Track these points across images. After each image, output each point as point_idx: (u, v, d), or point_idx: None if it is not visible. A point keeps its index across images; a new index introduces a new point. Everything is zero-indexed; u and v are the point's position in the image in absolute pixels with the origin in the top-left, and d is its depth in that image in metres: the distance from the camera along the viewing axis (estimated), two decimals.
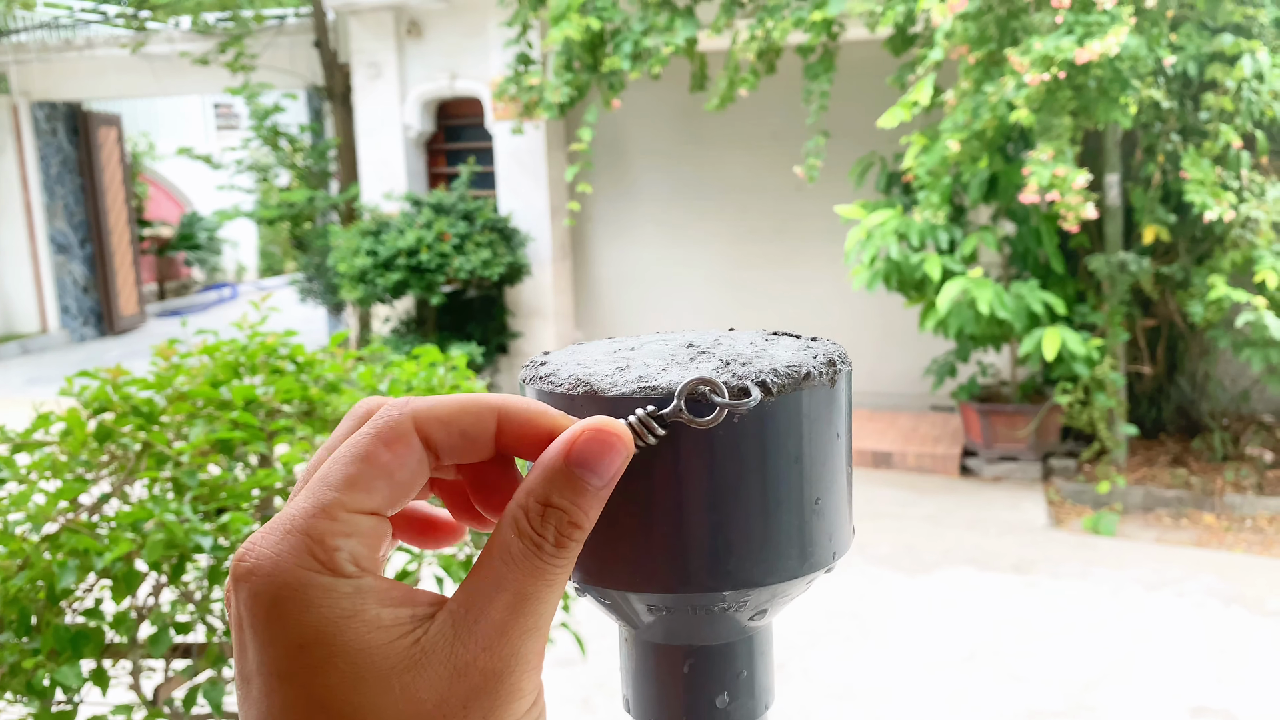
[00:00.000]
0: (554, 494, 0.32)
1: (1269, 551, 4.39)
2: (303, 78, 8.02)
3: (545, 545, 0.32)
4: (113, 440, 1.73)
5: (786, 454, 0.35)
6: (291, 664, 0.29)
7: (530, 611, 0.31)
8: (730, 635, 0.38)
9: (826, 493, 0.37)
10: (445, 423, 0.33)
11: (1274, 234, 4.70)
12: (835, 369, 0.37)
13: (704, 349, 0.38)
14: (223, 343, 1.94)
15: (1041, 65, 4.25)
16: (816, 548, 0.37)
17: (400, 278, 6.32)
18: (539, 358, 0.39)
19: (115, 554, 1.47)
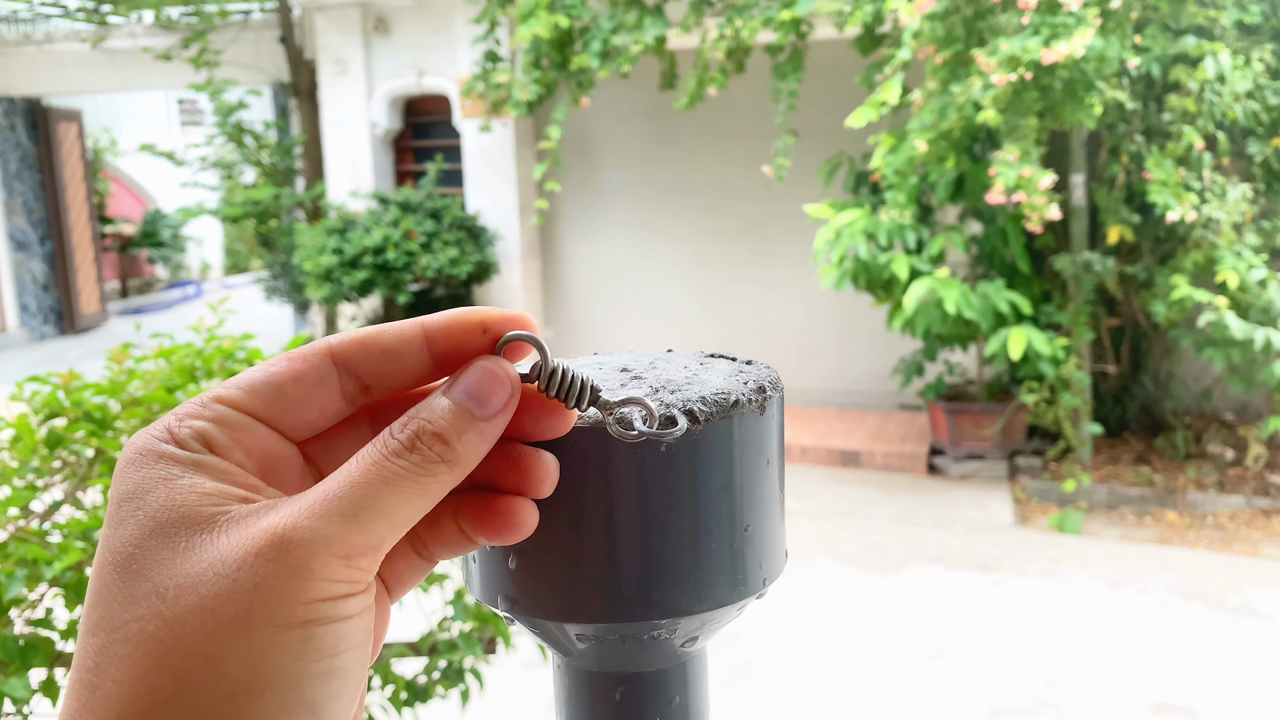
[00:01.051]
0: (423, 410, 0.31)
1: (1229, 549, 4.45)
2: (268, 74, 7.93)
3: (393, 444, 0.30)
4: (64, 446, 1.69)
5: (716, 482, 0.35)
6: (108, 518, 0.30)
7: (350, 498, 0.29)
8: (663, 662, 0.38)
9: (757, 520, 0.37)
10: (363, 342, 0.32)
11: (1235, 235, 4.77)
12: (765, 395, 0.37)
13: (637, 374, 0.38)
14: (178, 346, 1.90)
15: (1008, 66, 4.27)
16: (747, 575, 0.37)
17: (367, 276, 6.26)
18: None
19: (65, 563, 1.44)
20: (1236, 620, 3.71)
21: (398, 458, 0.30)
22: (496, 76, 5.70)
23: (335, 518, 0.29)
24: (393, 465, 0.30)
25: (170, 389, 1.73)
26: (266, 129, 8.12)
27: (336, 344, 0.32)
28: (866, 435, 5.96)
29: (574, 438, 0.34)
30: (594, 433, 0.34)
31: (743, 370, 0.38)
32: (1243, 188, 4.77)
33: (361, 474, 0.30)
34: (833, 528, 4.71)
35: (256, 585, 0.28)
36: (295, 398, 0.32)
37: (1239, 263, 4.64)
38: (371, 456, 0.30)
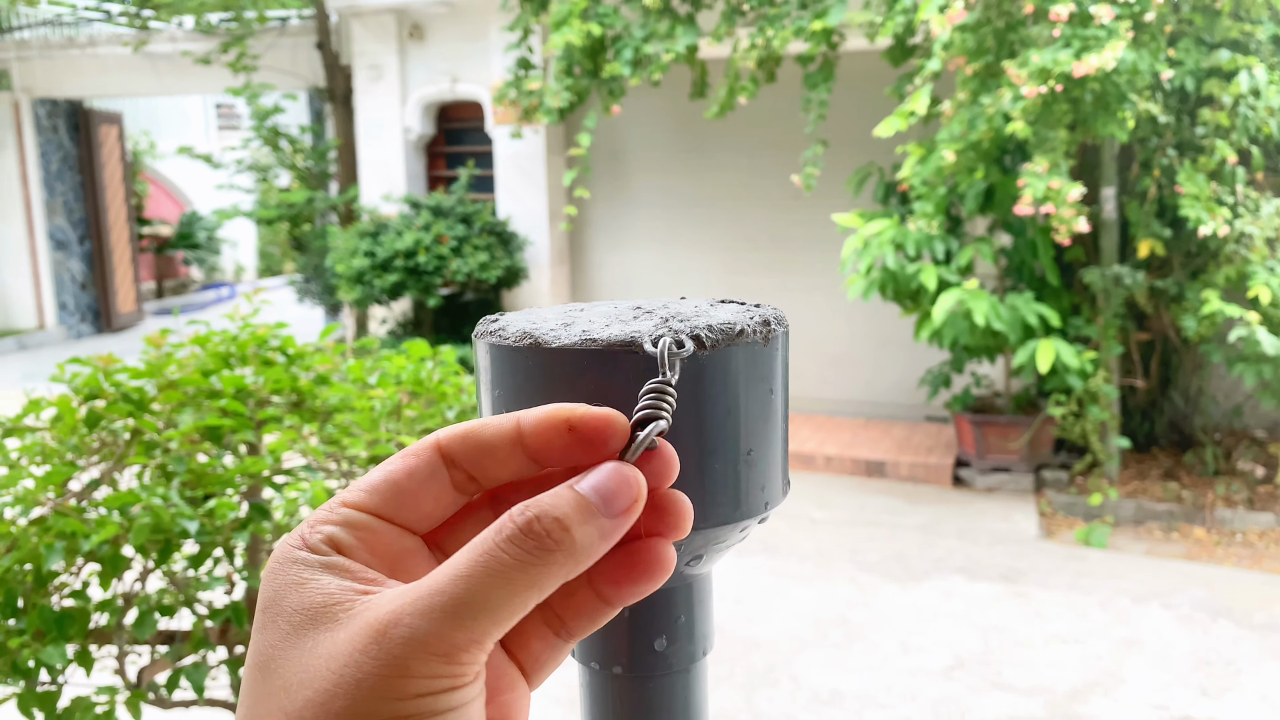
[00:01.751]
0: (545, 496, 0.31)
1: (1258, 566, 4.40)
2: (304, 79, 8.04)
3: (514, 534, 0.30)
4: (102, 427, 1.73)
5: (721, 406, 0.37)
6: (255, 624, 0.32)
7: (452, 592, 0.29)
8: (668, 582, 0.39)
9: (759, 445, 0.39)
10: (465, 436, 0.34)
11: (1267, 250, 4.72)
12: (770, 328, 0.39)
13: (648, 310, 0.40)
14: (214, 333, 1.95)
15: (1038, 78, 4.27)
16: (749, 497, 0.39)
17: (397, 279, 6.33)
18: (492, 317, 0.41)
19: (101, 536, 1.48)
20: (1263, 637, 3.67)
21: (511, 544, 0.30)
22: (529, 84, 5.75)
23: (436, 614, 0.29)
24: (504, 555, 0.30)
25: (206, 373, 1.77)
26: (302, 133, 8.24)
27: (444, 438, 0.34)
28: (892, 446, 5.95)
29: (587, 360, 0.36)
30: (605, 354, 0.36)
31: (750, 310, 0.41)
32: (1276, 202, 4.73)
33: (468, 566, 0.30)
34: (856, 536, 4.70)
35: (359, 681, 0.28)
36: (411, 492, 0.33)
37: (1271, 278, 4.59)
38: (482, 546, 0.30)
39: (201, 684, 1.55)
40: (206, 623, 1.63)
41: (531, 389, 0.38)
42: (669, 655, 0.41)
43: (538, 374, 0.38)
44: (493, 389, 0.39)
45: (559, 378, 0.37)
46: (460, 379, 2.05)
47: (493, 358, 0.39)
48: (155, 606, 1.60)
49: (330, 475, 1.84)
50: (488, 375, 0.40)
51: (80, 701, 1.53)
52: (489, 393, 0.40)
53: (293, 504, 1.75)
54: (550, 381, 0.37)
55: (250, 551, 1.75)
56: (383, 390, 1.91)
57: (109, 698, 1.54)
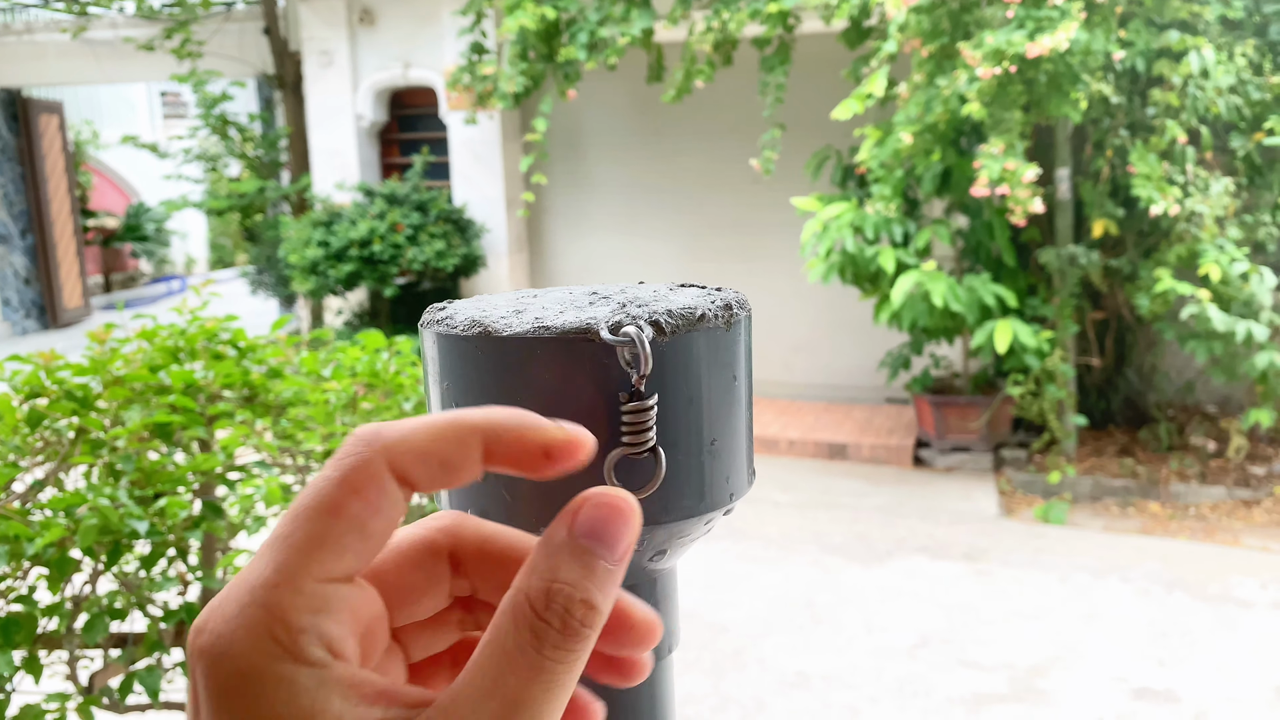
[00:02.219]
0: (560, 570, 0.27)
1: (1211, 538, 4.48)
2: (252, 65, 7.88)
3: (549, 634, 0.26)
4: (45, 426, 1.67)
5: (682, 395, 0.36)
6: None
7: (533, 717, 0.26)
8: (631, 578, 0.38)
9: (723, 434, 0.37)
10: (423, 454, 0.28)
11: (1217, 228, 4.80)
12: (732, 312, 0.37)
13: (604, 295, 0.38)
14: (161, 327, 1.89)
15: (993, 59, 4.29)
16: (713, 489, 0.37)
17: (353, 269, 6.24)
18: (439, 305, 0.39)
19: (47, 539, 1.43)
20: (1217, 608, 3.74)
21: (557, 650, 0.27)
22: (483, 69, 5.68)
23: None
24: (552, 664, 0.26)
25: (154, 369, 1.72)
26: (251, 121, 8.07)
27: (393, 454, 0.28)
28: (853, 428, 5.98)
29: (540, 349, 0.34)
30: (559, 342, 0.34)
31: (711, 293, 0.39)
32: (1225, 182, 4.80)
33: (523, 687, 0.26)
34: (820, 519, 4.72)
35: None
36: (378, 534, 0.28)
37: (1221, 256, 4.67)
38: (526, 658, 0.26)
39: (156, 688, 1.50)
40: (160, 625, 1.58)
41: (481, 380, 0.36)
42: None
43: (488, 365, 0.35)
44: (441, 381, 0.37)
45: (511, 368, 0.35)
46: (418, 370, 2.01)
47: (440, 348, 0.37)
48: (106, 610, 1.55)
49: (285, 471, 1.79)
50: (435, 366, 0.37)
51: (30, 710, 1.47)
52: (437, 385, 0.38)
53: (247, 500, 1.70)
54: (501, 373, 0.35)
55: (204, 550, 1.70)
56: (338, 383, 1.86)
57: (60, 705, 1.48)
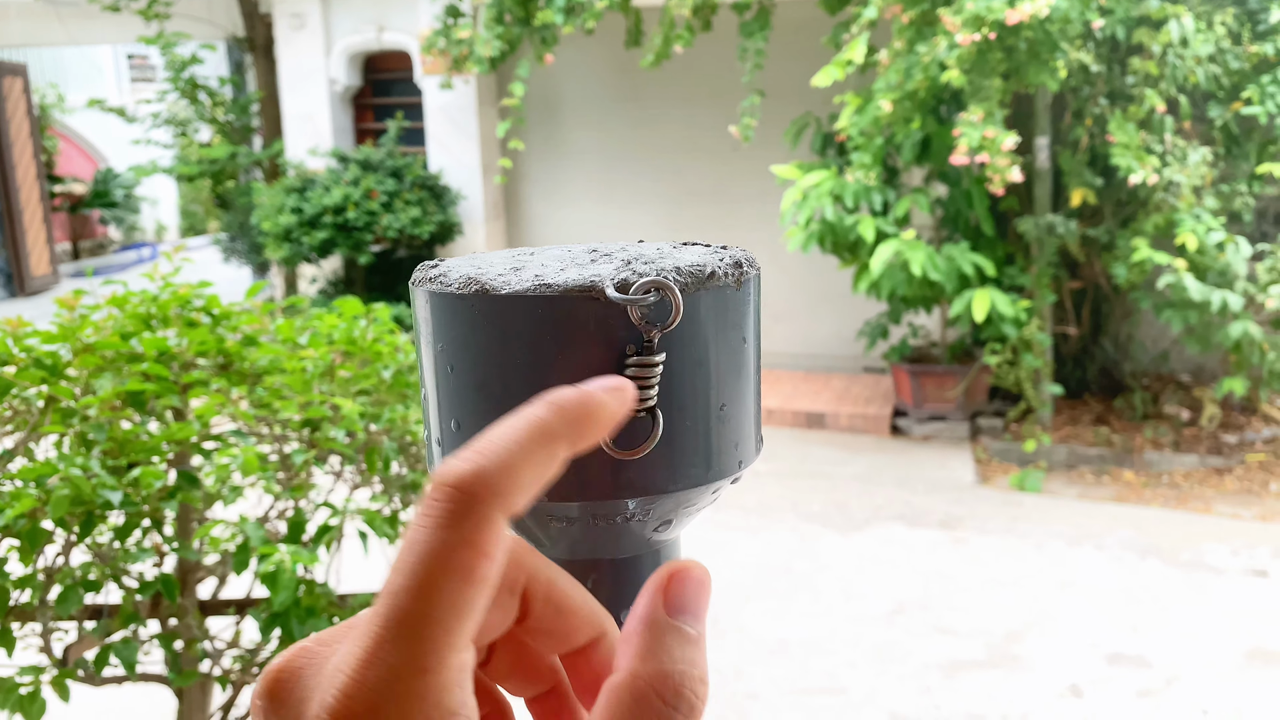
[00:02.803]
0: (674, 653, 0.27)
1: (1183, 506, 4.54)
2: (222, 28, 7.72)
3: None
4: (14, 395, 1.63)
5: (690, 357, 0.34)
6: None
7: None
8: (635, 549, 0.37)
9: (732, 400, 0.36)
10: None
11: (1194, 198, 4.82)
12: (742, 271, 0.36)
13: (605, 253, 0.37)
14: (132, 294, 1.85)
15: (973, 25, 4.26)
16: (722, 456, 0.36)
17: (327, 236, 6.16)
18: (431, 263, 0.37)
19: (18, 510, 1.39)
20: (1189, 574, 3.79)
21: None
22: (458, 32, 5.59)
23: None
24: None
25: (125, 336, 1.68)
26: (221, 85, 7.92)
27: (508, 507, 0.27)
28: (831, 397, 5.99)
29: (542, 308, 0.33)
30: (562, 300, 0.32)
31: (718, 251, 0.37)
32: (1203, 151, 4.82)
33: None
34: (798, 487, 4.73)
35: None
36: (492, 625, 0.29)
37: (1198, 226, 4.69)
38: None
39: (133, 660, 1.48)
40: (136, 596, 1.55)
41: (478, 341, 0.34)
42: None
43: (485, 325, 0.33)
44: (434, 343, 0.35)
45: (510, 328, 0.33)
46: (395, 337, 1.97)
47: (433, 308, 0.35)
48: (80, 581, 1.52)
49: (262, 440, 1.76)
50: (428, 328, 0.35)
51: (3, 682, 1.45)
52: (430, 348, 0.35)
53: (223, 470, 1.67)
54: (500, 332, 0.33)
55: (180, 521, 1.67)
56: (314, 350, 1.83)
57: (34, 677, 1.46)
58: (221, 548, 1.69)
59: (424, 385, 0.37)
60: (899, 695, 3.00)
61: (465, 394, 0.34)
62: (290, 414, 1.69)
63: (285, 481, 1.74)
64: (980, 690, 3.01)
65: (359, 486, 1.84)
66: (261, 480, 1.67)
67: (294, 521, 1.66)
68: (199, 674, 1.62)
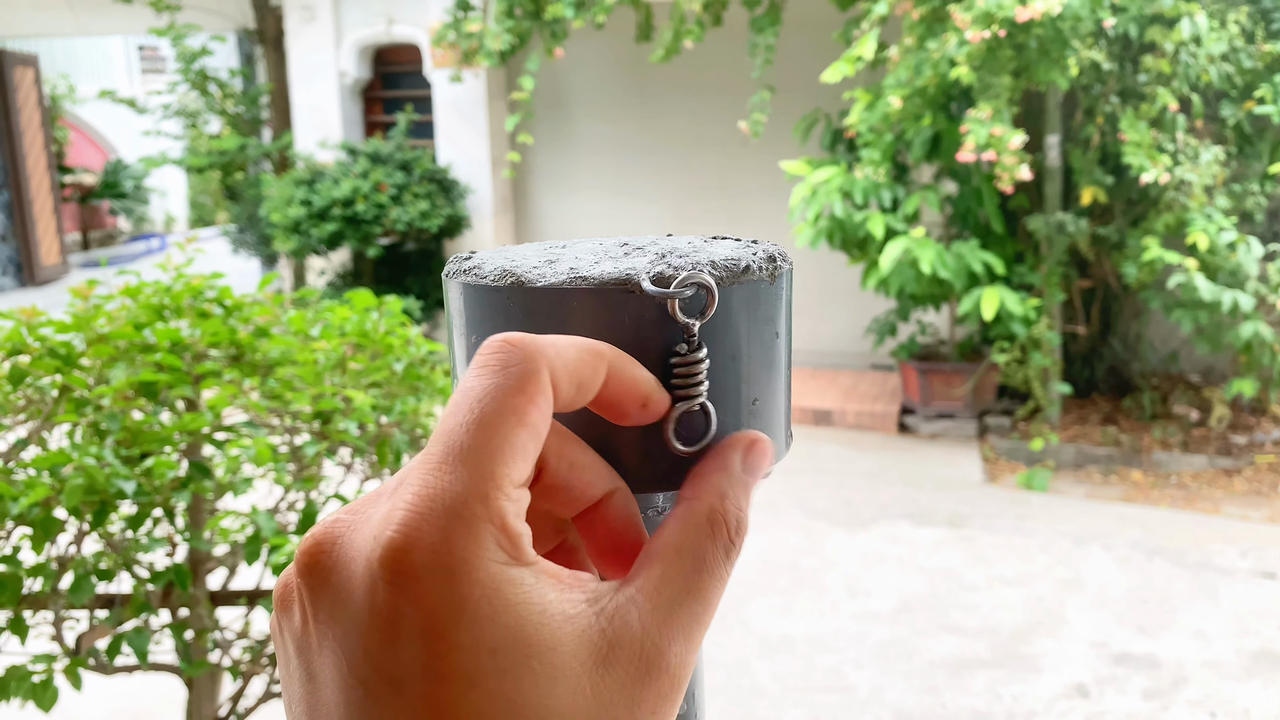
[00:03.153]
0: (740, 499, 0.31)
1: (1191, 506, 4.53)
2: (232, 19, 7.73)
3: (734, 553, 0.30)
4: (28, 384, 1.64)
5: (724, 351, 0.34)
6: (479, 667, 0.25)
7: (708, 620, 0.29)
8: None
9: (764, 394, 0.36)
10: (570, 371, 0.29)
11: (1205, 197, 4.80)
12: (776, 265, 0.35)
13: (638, 246, 0.37)
14: (145, 284, 1.85)
15: (983, 22, 4.25)
16: None
17: (336, 229, 6.17)
18: (464, 254, 0.37)
19: (31, 499, 1.40)
20: (1196, 575, 3.78)
21: (732, 564, 0.30)
22: (468, 25, 5.59)
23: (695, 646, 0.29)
24: (729, 574, 0.30)
25: (138, 326, 1.68)
26: (231, 77, 7.93)
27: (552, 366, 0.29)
28: (839, 394, 5.99)
29: (577, 300, 0.33)
30: (599, 294, 0.32)
31: (750, 245, 0.37)
32: (1215, 150, 4.80)
33: (717, 589, 0.29)
34: (805, 484, 4.73)
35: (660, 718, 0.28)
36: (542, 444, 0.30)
37: (1209, 225, 4.67)
38: (721, 571, 0.30)
39: (145, 649, 1.49)
40: (148, 586, 1.56)
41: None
42: None
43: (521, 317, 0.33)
44: (468, 334, 0.35)
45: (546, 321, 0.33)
46: (407, 330, 1.98)
47: (467, 299, 0.35)
48: (92, 570, 1.53)
49: (274, 431, 1.77)
50: (462, 319, 0.35)
51: (16, 670, 1.46)
52: (463, 339, 0.35)
53: (235, 461, 1.68)
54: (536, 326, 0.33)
55: (191, 511, 1.68)
56: (326, 342, 1.83)
57: (46, 666, 1.47)
58: (232, 538, 1.70)
59: (455, 375, 0.37)
60: (905, 693, 3.00)
61: None
62: (302, 406, 1.70)
63: (296, 473, 1.74)
64: (986, 689, 3.01)
65: (370, 478, 1.85)
66: (273, 471, 1.68)
67: (305, 513, 1.67)
68: (209, 664, 1.63)
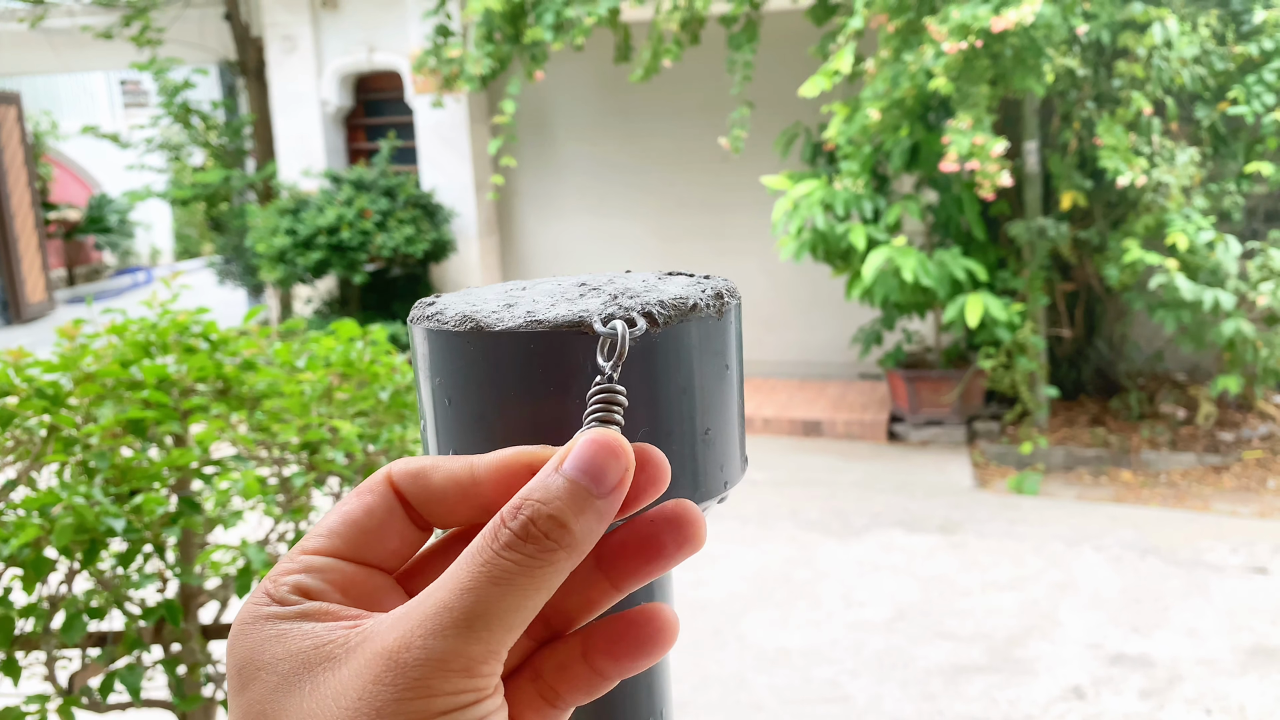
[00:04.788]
0: (537, 490, 0.30)
1: (1181, 504, 4.55)
2: (213, 52, 7.76)
3: (505, 535, 0.29)
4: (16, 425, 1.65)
5: (675, 385, 0.36)
6: (231, 688, 0.30)
7: (461, 607, 0.28)
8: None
9: (716, 424, 0.38)
10: (414, 475, 0.32)
11: (1183, 198, 4.85)
12: (723, 302, 0.37)
13: (594, 286, 0.38)
14: (131, 321, 1.86)
15: (959, 34, 4.29)
16: (708, 478, 0.38)
17: (321, 257, 6.18)
18: (428, 299, 0.39)
19: (22, 540, 1.41)
20: (1188, 573, 3.80)
21: (510, 550, 0.29)
22: (448, 51, 5.62)
23: (449, 632, 0.28)
24: (505, 561, 0.29)
25: (125, 364, 1.69)
26: (214, 109, 7.95)
27: (395, 474, 0.33)
28: (827, 405, 6.01)
29: (534, 343, 0.34)
30: (552, 336, 0.34)
31: (700, 282, 0.39)
32: (1190, 152, 4.85)
33: (472, 578, 0.29)
34: (796, 495, 4.74)
35: (379, 710, 0.28)
36: (372, 530, 0.32)
37: (1188, 225, 4.72)
38: (482, 555, 0.29)
39: (137, 686, 1.49)
40: (139, 622, 1.57)
41: (474, 376, 0.35)
42: None
43: (481, 360, 0.35)
44: (432, 377, 0.37)
45: (504, 363, 0.35)
46: (392, 358, 1.99)
47: (431, 344, 0.37)
48: (84, 609, 1.53)
49: (262, 463, 1.78)
50: (426, 363, 0.37)
51: (10, 711, 1.46)
52: (429, 382, 0.37)
53: (224, 495, 1.69)
54: (494, 367, 0.35)
55: (182, 546, 1.68)
56: (312, 373, 1.84)
57: (40, 706, 1.47)
58: (223, 572, 1.71)
59: (423, 416, 0.39)
60: (902, 702, 3.00)
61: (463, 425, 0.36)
62: (289, 437, 1.71)
63: (285, 504, 1.75)
64: (982, 694, 3.02)
65: None
66: (262, 503, 1.69)
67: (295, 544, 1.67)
68: (202, 698, 1.63)
